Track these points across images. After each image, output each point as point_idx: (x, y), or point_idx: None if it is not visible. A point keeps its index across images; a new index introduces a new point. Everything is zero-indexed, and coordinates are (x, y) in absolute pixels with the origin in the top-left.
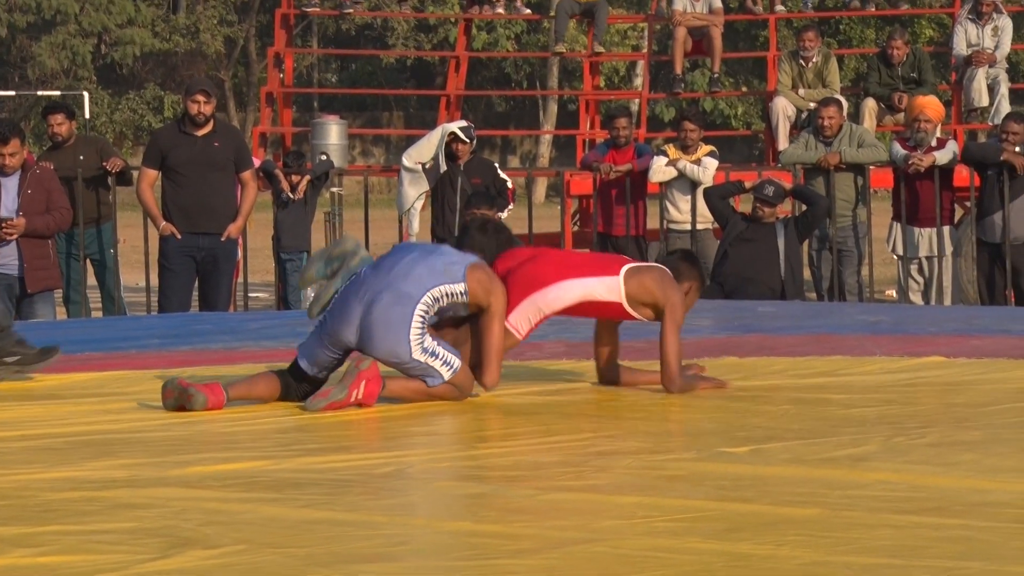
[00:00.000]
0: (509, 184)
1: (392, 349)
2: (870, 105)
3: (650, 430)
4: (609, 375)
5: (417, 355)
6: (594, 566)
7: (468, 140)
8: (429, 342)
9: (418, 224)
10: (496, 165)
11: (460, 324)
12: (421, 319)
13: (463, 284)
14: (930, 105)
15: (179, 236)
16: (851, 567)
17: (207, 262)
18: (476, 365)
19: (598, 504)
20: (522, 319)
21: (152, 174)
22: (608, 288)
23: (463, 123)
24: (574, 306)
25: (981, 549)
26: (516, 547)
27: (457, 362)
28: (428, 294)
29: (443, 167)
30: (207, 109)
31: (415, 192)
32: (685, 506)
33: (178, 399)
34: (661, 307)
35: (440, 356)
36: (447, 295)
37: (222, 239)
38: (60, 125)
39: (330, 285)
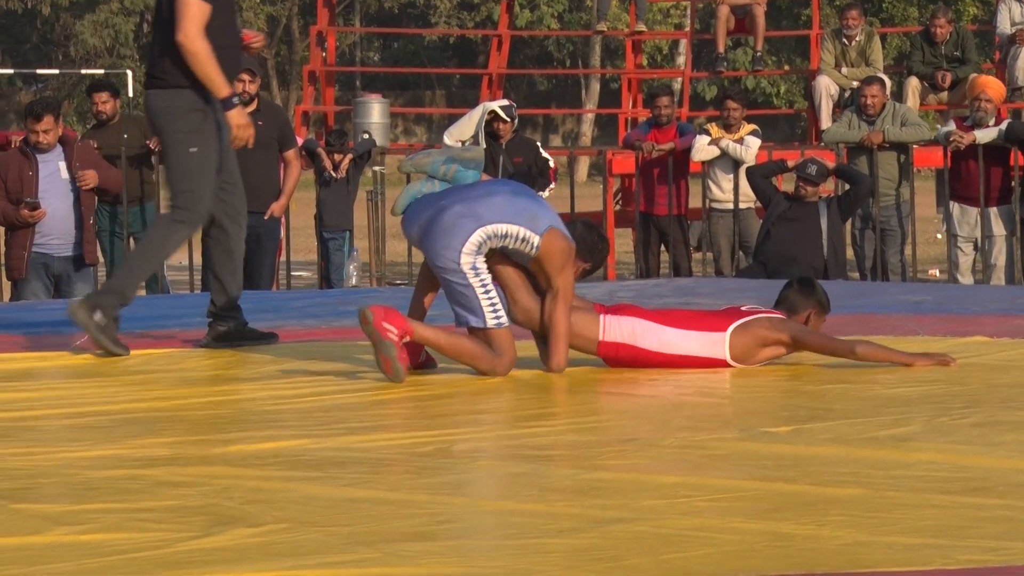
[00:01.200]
0: (551, 163)
1: (442, 250)
2: (913, 84)
3: (691, 411)
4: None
5: (465, 266)
6: (636, 545)
7: (509, 119)
8: (483, 270)
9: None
10: (538, 144)
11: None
12: (480, 241)
13: (538, 238)
14: (991, 84)
15: None
16: (893, 547)
17: (250, 241)
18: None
19: (639, 484)
20: (616, 331)
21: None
22: (712, 344)
23: (504, 102)
24: (669, 356)
25: None
26: (557, 526)
27: (505, 320)
28: (500, 225)
29: (483, 145)
30: (251, 88)
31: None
32: (727, 486)
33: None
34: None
35: (491, 295)
36: (518, 238)
37: (265, 218)
38: (105, 103)
39: (423, 184)
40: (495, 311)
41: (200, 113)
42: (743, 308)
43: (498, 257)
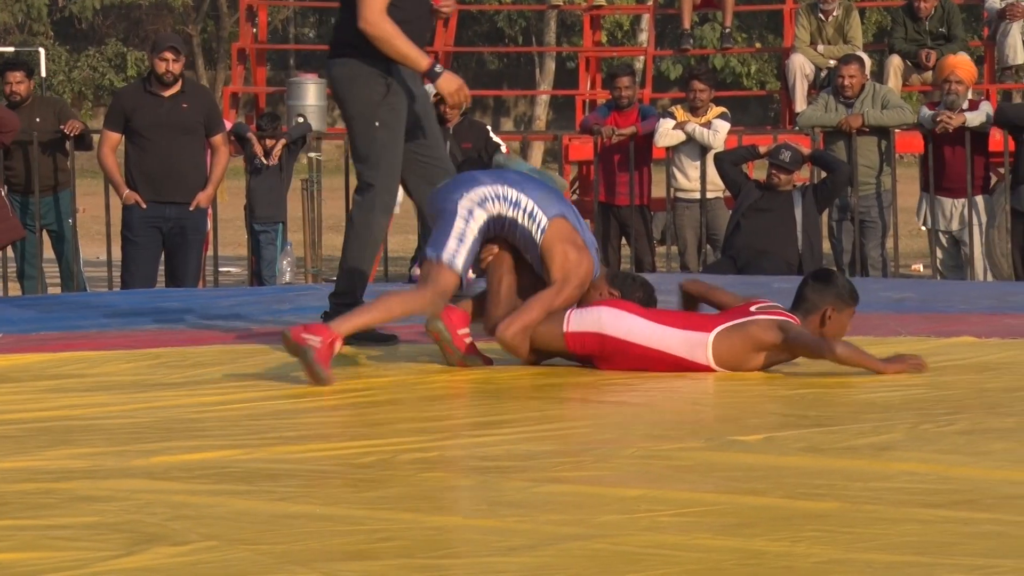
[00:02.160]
0: (503, 148)
1: (446, 195)
2: (895, 63)
3: (655, 418)
4: None
5: (460, 207)
6: (593, 564)
7: None
8: (475, 223)
9: (401, 192)
10: (488, 128)
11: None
12: (485, 196)
13: (547, 220)
14: (961, 65)
15: (144, 205)
16: (873, 565)
17: (174, 234)
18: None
19: (598, 497)
20: (580, 321)
21: (115, 138)
22: (692, 345)
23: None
24: (641, 347)
25: (1014, 545)
26: (508, 543)
27: (459, 265)
28: (510, 189)
29: None
30: (176, 68)
31: None
32: (693, 499)
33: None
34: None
35: (464, 241)
36: (526, 211)
37: (190, 208)
38: (19, 84)
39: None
40: (454, 254)
41: (384, 84)
42: (752, 307)
43: (504, 262)
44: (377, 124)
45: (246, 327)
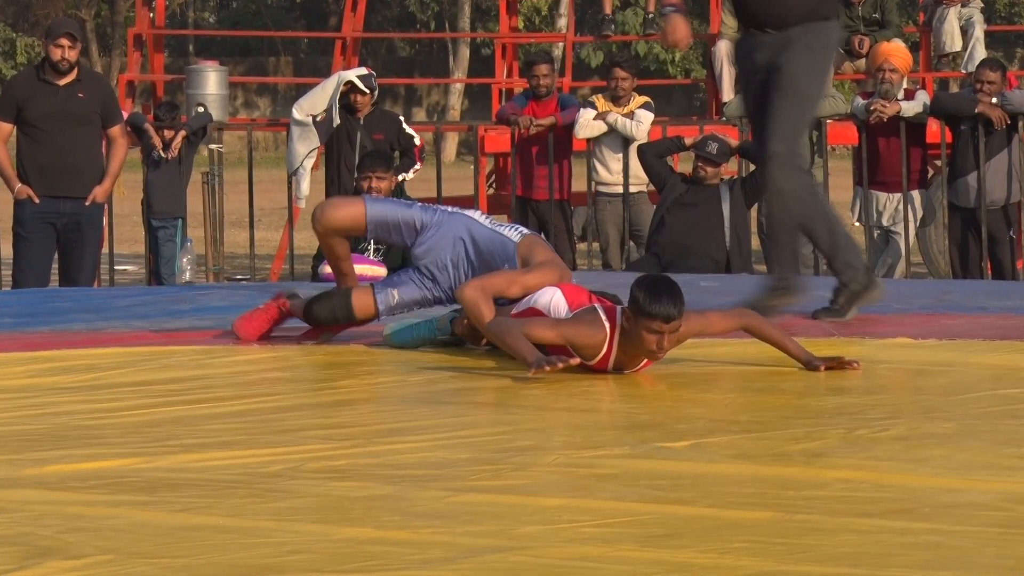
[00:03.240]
0: (416, 140)
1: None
2: None
3: (577, 422)
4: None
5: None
6: None
7: (368, 90)
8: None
9: (308, 185)
10: (401, 119)
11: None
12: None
13: (518, 235)
14: (896, 52)
15: (37, 200)
16: None
17: (69, 230)
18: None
19: (517, 507)
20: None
21: (6, 128)
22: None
23: (362, 70)
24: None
25: (953, 556)
26: (423, 556)
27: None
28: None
29: (336, 120)
30: (72, 55)
31: (305, 149)
32: (616, 509)
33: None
34: None
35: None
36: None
37: (86, 203)
38: None
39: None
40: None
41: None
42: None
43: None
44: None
45: (143, 328)
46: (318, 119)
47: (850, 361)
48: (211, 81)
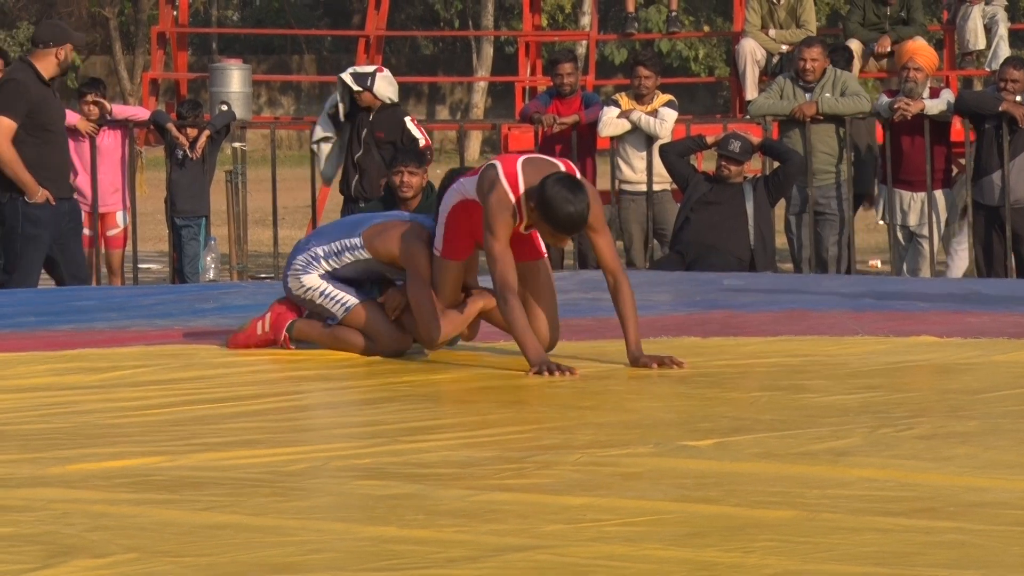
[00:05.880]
0: (421, 141)
1: (285, 282)
2: (854, 48)
3: (602, 421)
4: None
5: (297, 290)
6: None
7: (360, 88)
8: (317, 282)
9: (326, 166)
10: (408, 117)
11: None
12: (306, 262)
13: (359, 239)
14: (921, 51)
15: (54, 202)
16: None
17: (67, 229)
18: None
19: (541, 506)
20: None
21: (13, 126)
22: None
23: (364, 68)
24: None
25: (977, 555)
26: (447, 555)
27: (352, 301)
28: (327, 245)
29: (341, 116)
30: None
31: (320, 133)
32: (641, 507)
33: None
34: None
35: (332, 296)
36: (346, 248)
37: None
38: None
39: None
40: (342, 303)
41: None
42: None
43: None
44: None
45: (168, 327)
46: (328, 112)
47: (679, 361)
48: (234, 79)
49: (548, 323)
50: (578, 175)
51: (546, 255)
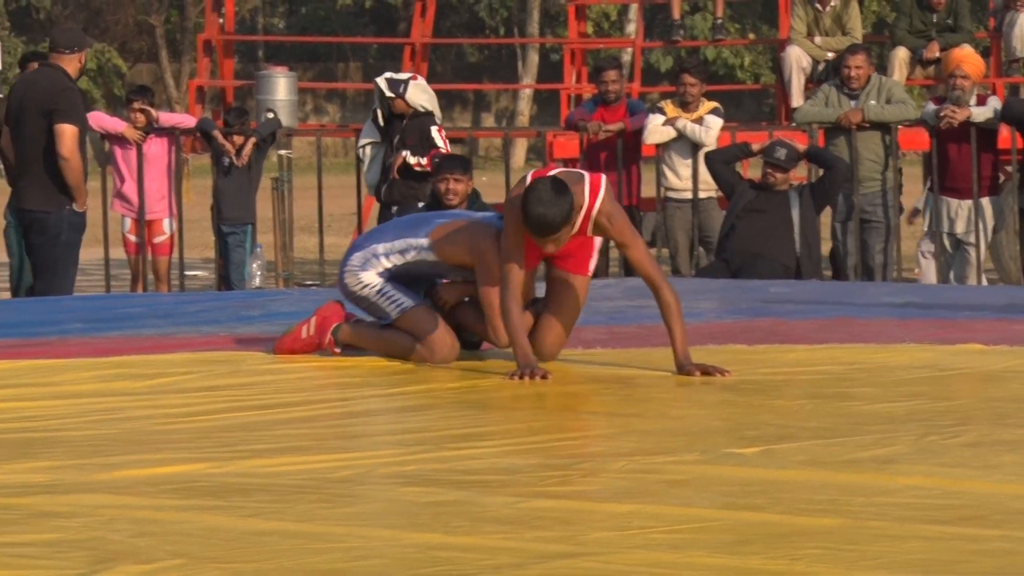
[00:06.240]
0: (442, 148)
1: (341, 280)
2: (901, 55)
3: (647, 428)
4: None
5: (354, 286)
6: None
7: (394, 94)
8: (375, 280)
9: (368, 170)
10: (435, 127)
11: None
12: (364, 259)
13: (427, 239)
14: (968, 59)
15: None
16: None
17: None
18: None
19: (587, 513)
20: None
21: (78, 134)
22: None
23: (402, 75)
24: None
25: None
26: (493, 562)
27: (408, 303)
28: (391, 243)
29: (380, 121)
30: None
31: (364, 139)
32: (687, 515)
33: None
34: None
35: (390, 296)
36: (411, 246)
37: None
38: None
39: None
40: (398, 304)
41: None
42: None
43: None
44: None
45: (214, 333)
46: (372, 117)
47: (723, 370)
48: (281, 87)
49: (554, 337)
50: (602, 186)
51: (589, 273)
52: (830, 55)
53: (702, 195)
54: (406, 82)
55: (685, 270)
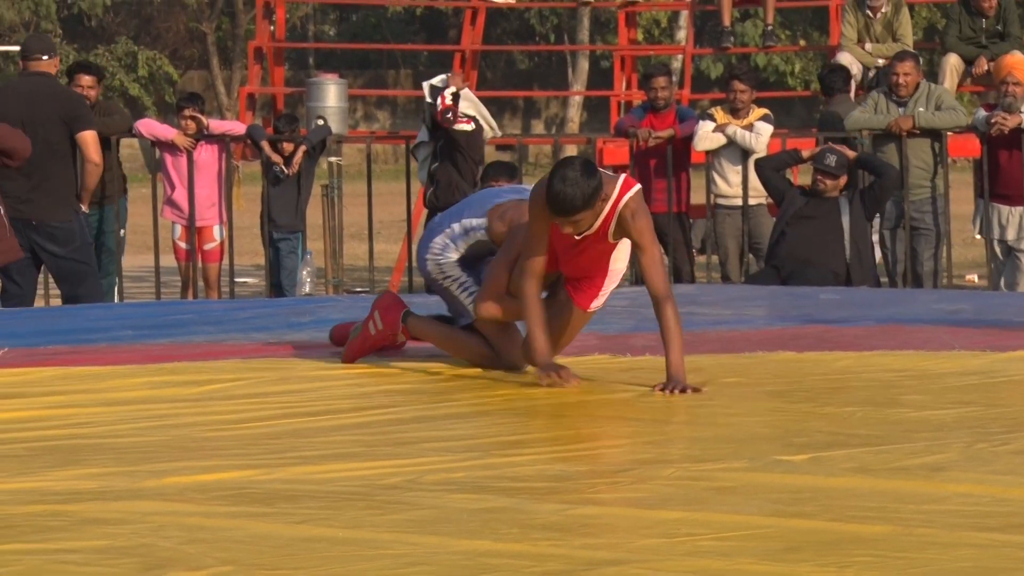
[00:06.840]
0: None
1: (419, 256)
2: (952, 62)
3: (695, 435)
4: None
5: (436, 275)
6: None
7: (433, 100)
8: (457, 272)
9: (421, 172)
10: (469, 129)
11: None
12: (444, 244)
13: (484, 219)
14: (1019, 66)
15: None
16: None
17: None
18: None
19: (635, 520)
20: None
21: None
22: None
23: (452, 80)
24: None
25: None
26: (541, 569)
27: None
28: (459, 223)
29: (427, 123)
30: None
31: (419, 139)
32: (736, 522)
33: None
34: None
35: (468, 288)
36: (472, 228)
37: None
38: (90, 88)
39: None
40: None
41: None
42: None
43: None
44: None
45: (264, 340)
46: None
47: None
48: (331, 94)
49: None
50: (635, 186)
51: (590, 309)
52: (880, 62)
53: (752, 202)
54: (439, 88)
55: (735, 277)
